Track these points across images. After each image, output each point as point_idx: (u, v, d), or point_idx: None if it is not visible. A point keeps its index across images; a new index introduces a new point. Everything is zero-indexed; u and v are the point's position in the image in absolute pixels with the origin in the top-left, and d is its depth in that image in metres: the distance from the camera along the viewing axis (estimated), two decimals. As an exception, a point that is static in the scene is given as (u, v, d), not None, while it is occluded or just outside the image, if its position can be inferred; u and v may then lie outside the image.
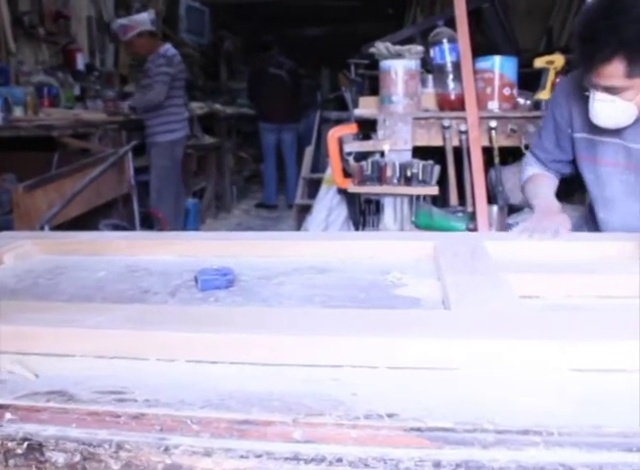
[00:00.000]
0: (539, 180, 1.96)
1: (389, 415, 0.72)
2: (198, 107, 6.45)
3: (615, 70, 1.50)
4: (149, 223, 4.74)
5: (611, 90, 1.56)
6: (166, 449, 0.72)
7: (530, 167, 2.02)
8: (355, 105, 3.47)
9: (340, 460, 0.70)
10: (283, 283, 1.29)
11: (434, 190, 3.01)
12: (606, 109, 1.61)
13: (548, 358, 0.83)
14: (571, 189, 2.43)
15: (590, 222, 2.00)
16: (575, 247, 1.48)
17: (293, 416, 0.73)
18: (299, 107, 7.53)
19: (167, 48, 4.75)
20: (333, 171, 3.28)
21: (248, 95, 7.80)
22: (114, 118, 4.96)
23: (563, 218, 1.66)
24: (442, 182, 3.12)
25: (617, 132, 1.72)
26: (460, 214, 3.00)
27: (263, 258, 1.48)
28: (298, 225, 4.74)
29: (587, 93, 1.64)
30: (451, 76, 3.18)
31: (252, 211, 7.35)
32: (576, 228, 2.06)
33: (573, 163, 1.94)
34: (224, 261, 1.38)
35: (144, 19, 4.79)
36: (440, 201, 3.21)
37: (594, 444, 0.70)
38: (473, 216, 2.99)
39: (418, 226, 2.92)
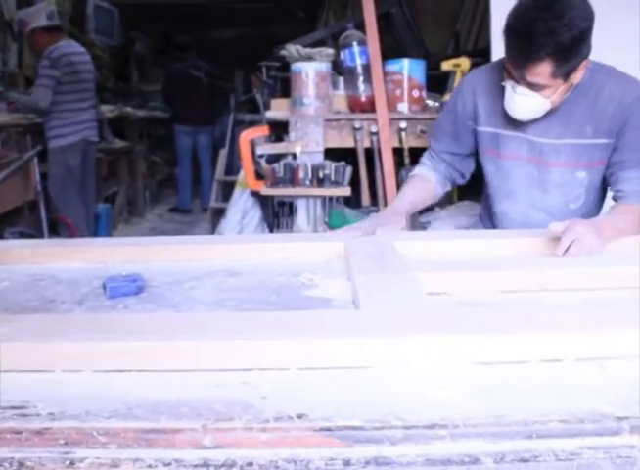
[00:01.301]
0: (411, 184, 1.97)
1: (299, 416, 0.73)
2: (108, 109, 6.28)
3: (543, 70, 1.57)
4: (58, 230, 4.59)
5: (533, 86, 1.63)
6: (72, 463, 0.70)
7: (418, 167, 2.02)
8: (268, 107, 3.48)
9: (250, 464, 0.70)
10: (194, 287, 1.28)
11: (346, 191, 3.05)
12: (526, 102, 1.67)
13: (454, 353, 0.86)
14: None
15: (486, 219, 2.06)
16: (483, 244, 1.53)
17: (202, 422, 0.72)
18: (216, 110, 7.47)
19: (53, 48, 4.36)
20: (245, 174, 3.27)
21: (164, 97, 7.65)
22: (19, 122, 4.75)
23: (393, 221, 1.73)
24: (355, 183, 3.16)
25: (520, 127, 1.79)
26: (373, 214, 3.04)
27: (175, 263, 1.46)
28: (213, 229, 4.69)
29: (504, 83, 1.70)
30: (362, 79, 3.23)
31: (166, 216, 7.23)
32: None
33: (470, 158, 1.98)
34: (135, 267, 1.35)
35: (37, 12, 4.44)
36: (353, 201, 3.25)
37: (497, 433, 0.72)
38: (385, 216, 3.04)
39: (331, 227, 2.94)
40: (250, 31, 10.09)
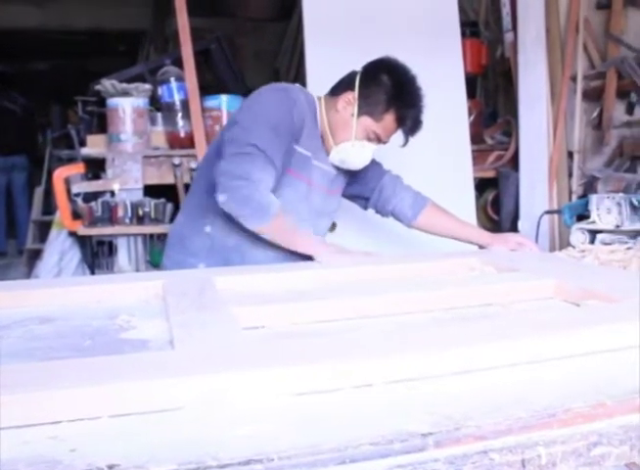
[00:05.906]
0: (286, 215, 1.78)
1: (110, 467, 0.70)
2: None
3: None
4: None
5: None
6: None
7: (273, 197, 1.74)
8: (84, 143, 3.36)
9: (55, 524, 0.66)
10: (0, 338, 1.19)
11: (167, 228, 3.01)
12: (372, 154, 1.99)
13: (268, 386, 0.87)
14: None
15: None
16: (301, 276, 1.57)
17: (2, 485, 0.67)
18: (33, 145, 7.09)
19: None
20: (61, 214, 3.13)
21: None
22: None
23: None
24: (175, 219, 3.13)
25: (325, 158, 1.96)
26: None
27: (-20, 313, 1.35)
28: (30, 272, 4.43)
29: (352, 143, 1.93)
30: (180, 114, 3.23)
31: (-23, 261, 6.71)
32: None
33: None
34: None
35: None
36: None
37: (311, 462, 0.73)
38: (210, 251, 3.03)
39: (154, 265, 2.89)
40: (65, 64, 9.74)
